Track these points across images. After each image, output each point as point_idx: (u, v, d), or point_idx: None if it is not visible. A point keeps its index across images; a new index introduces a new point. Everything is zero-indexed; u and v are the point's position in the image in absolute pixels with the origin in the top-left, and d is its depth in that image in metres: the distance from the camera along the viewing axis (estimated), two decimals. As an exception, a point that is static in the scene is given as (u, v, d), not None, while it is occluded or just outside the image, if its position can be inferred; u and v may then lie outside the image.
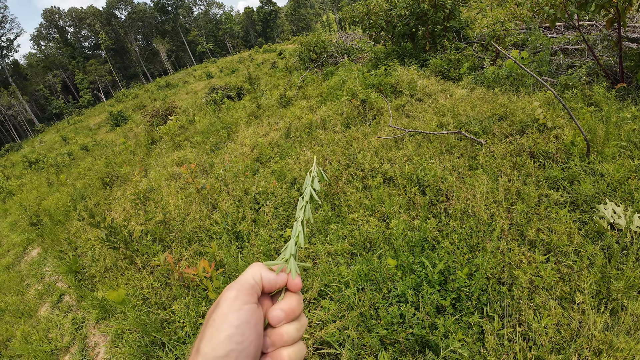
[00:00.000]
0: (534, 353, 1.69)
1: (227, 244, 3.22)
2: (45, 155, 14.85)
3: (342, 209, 3.22)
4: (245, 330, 0.36)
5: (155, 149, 8.23)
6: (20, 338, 3.60)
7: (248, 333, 0.37)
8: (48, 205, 7.15)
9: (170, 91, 27.25)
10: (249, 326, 0.37)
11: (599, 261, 2.10)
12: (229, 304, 0.38)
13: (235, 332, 0.36)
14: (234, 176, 4.26)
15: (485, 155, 3.48)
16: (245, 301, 0.38)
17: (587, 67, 4.71)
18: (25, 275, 5.42)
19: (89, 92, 55.98)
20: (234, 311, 0.37)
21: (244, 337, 0.36)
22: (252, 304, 0.39)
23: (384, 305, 2.12)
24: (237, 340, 0.36)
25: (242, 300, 0.38)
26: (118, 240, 3.73)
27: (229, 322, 0.36)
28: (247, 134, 6.31)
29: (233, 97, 10.22)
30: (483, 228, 2.55)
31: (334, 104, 6.37)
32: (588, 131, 3.23)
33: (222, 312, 0.37)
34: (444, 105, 4.92)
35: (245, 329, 0.36)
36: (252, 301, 0.39)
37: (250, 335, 0.37)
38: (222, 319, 0.37)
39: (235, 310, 0.37)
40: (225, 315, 0.37)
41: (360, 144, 4.39)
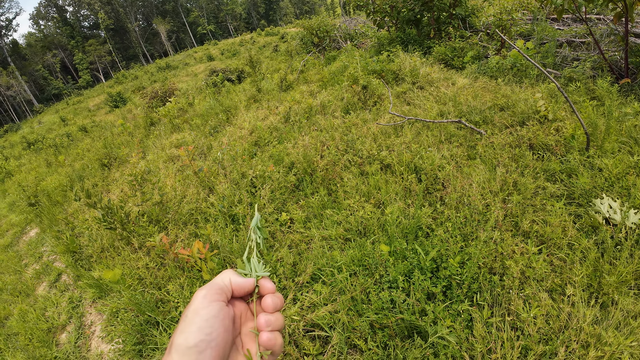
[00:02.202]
0: (522, 342, 1.70)
1: (223, 226, 3.23)
2: (44, 136, 14.76)
3: (338, 195, 3.22)
4: (213, 324, 0.41)
5: (154, 131, 8.18)
6: (18, 316, 3.64)
7: (216, 326, 0.41)
8: (46, 186, 7.15)
9: (170, 73, 26.90)
10: (216, 320, 0.41)
11: (592, 255, 2.11)
12: (199, 301, 0.42)
13: (204, 325, 0.40)
14: (232, 159, 4.24)
15: (485, 145, 3.46)
16: (213, 299, 0.43)
17: (592, 60, 4.64)
18: (24, 255, 5.46)
19: (88, 73, 55.26)
20: (204, 307, 0.42)
21: (212, 329, 0.40)
22: (220, 302, 0.43)
23: (375, 290, 2.13)
24: (206, 331, 0.40)
25: (211, 298, 0.43)
26: (115, 220, 3.75)
27: (199, 316, 0.41)
28: (247, 118, 6.26)
29: (233, 80, 10.08)
30: (478, 218, 2.55)
31: (335, 89, 6.29)
32: (589, 125, 3.20)
33: (193, 309, 0.42)
34: (445, 93, 4.86)
35: (214, 322, 0.41)
36: (220, 299, 0.44)
37: (219, 328, 0.41)
38: (193, 314, 0.41)
39: (205, 307, 0.42)
40: (195, 311, 0.41)
41: (360, 130, 4.35)
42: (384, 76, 6.00)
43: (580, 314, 1.80)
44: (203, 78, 12.68)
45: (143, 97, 11.61)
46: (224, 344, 0.41)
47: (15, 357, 2.91)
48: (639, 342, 1.68)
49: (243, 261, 0.53)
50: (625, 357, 1.60)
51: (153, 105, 10.28)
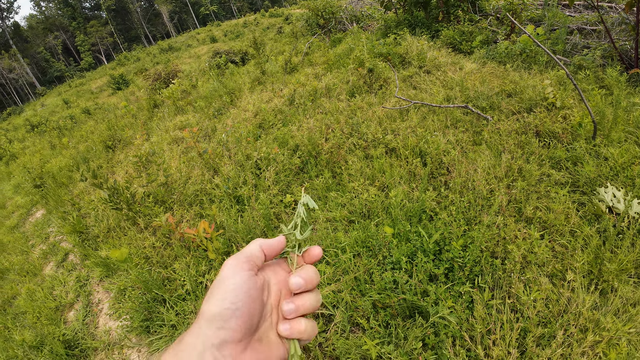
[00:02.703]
0: (521, 324, 1.73)
1: (228, 207, 3.27)
2: (47, 119, 14.75)
3: (342, 178, 3.23)
4: (238, 294, 0.41)
5: (158, 113, 8.15)
6: (25, 295, 3.71)
7: (241, 296, 0.41)
8: (51, 168, 7.19)
9: (172, 55, 26.55)
10: (241, 290, 0.42)
11: (594, 242, 2.12)
12: (226, 271, 0.43)
13: (229, 295, 0.41)
14: (236, 141, 4.24)
15: (491, 131, 3.44)
16: (241, 269, 0.43)
17: (602, 49, 4.54)
18: (30, 236, 5.53)
19: (90, 55, 54.64)
20: (230, 277, 0.42)
21: (237, 299, 0.41)
22: (247, 272, 0.43)
23: (379, 271, 2.17)
24: (231, 300, 0.40)
25: (239, 268, 0.43)
26: (120, 201, 3.78)
27: (224, 286, 0.42)
28: (251, 100, 6.21)
29: (237, 62, 9.95)
30: (481, 202, 2.56)
31: (340, 72, 6.21)
32: (597, 113, 3.16)
33: (220, 279, 0.43)
34: (452, 78, 4.79)
35: (239, 293, 0.41)
36: (248, 269, 0.44)
37: (244, 298, 0.41)
38: (220, 283, 0.42)
39: (231, 276, 0.42)
40: (222, 280, 0.42)
41: (365, 113, 4.32)
42: (390, 59, 5.90)
43: (580, 299, 1.82)
44: (206, 60, 12.51)
45: (146, 79, 11.51)
46: (250, 314, 0.42)
47: (23, 335, 2.98)
48: (637, 329, 1.70)
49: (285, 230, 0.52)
50: (623, 343, 1.62)
51: (156, 87, 10.20)
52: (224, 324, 0.39)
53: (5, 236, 5.71)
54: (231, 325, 0.40)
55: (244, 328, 0.41)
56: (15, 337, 3.01)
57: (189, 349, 0.38)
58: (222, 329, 0.39)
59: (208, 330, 0.39)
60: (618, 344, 1.65)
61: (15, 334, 3.09)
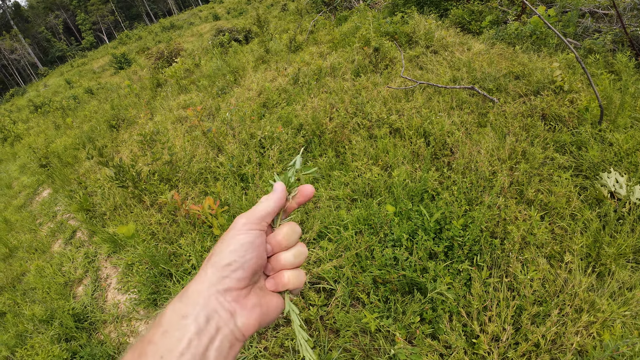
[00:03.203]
0: (517, 302, 1.75)
1: (232, 185, 3.30)
2: (50, 99, 14.70)
3: (346, 157, 3.24)
4: (248, 248, 0.44)
5: (161, 92, 8.10)
6: (35, 272, 3.80)
7: (250, 250, 0.44)
8: (56, 148, 7.22)
9: (175, 33, 26.04)
10: (251, 246, 0.44)
11: (594, 226, 2.13)
12: (238, 228, 0.46)
13: (239, 248, 0.43)
14: (240, 120, 4.23)
15: (496, 113, 3.40)
16: (251, 227, 0.46)
17: (613, 34, 4.42)
18: (38, 215, 5.61)
19: (91, 34, 53.74)
20: (242, 233, 0.45)
21: (245, 253, 0.44)
22: (257, 230, 0.46)
23: (380, 248, 2.21)
24: (240, 254, 0.43)
25: (249, 226, 0.46)
26: (126, 179, 3.83)
27: (235, 240, 0.44)
28: (255, 79, 6.14)
29: (240, 40, 9.77)
30: (483, 184, 2.57)
31: (346, 51, 6.09)
32: (604, 98, 3.12)
33: (232, 234, 0.45)
34: (460, 59, 4.69)
35: (248, 247, 0.44)
36: (258, 228, 0.46)
37: (252, 253, 0.44)
38: (231, 238, 0.44)
39: (243, 233, 0.45)
40: (233, 236, 0.45)
41: (370, 93, 4.28)
42: (397, 38, 5.78)
43: (577, 280, 1.84)
44: (209, 38, 12.30)
45: (148, 57, 11.37)
46: (254, 268, 0.45)
47: (33, 309, 3.07)
48: (632, 312, 1.72)
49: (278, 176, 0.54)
50: (618, 324, 1.64)
51: (159, 66, 10.09)
52: (231, 274, 0.42)
53: (13, 215, 5.82)
54: (237, 276, 0.43)
55: (248, 279, 0.44)
56: (25, 312, 3.10)
57: (195, 295, 0.41)
58: (228, 278, 0.42)
59: (214, 277, 0.42)
60: (612, 325, 1.68)
61: (25, 309, 3.19)
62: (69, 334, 2.88)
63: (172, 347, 0.37)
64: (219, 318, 0.40)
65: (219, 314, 0.41)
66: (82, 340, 2.82)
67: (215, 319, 0.40)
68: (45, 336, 2.81)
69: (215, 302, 0.41)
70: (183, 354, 0.37)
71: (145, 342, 0.38)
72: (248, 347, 2.26)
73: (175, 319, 0.39)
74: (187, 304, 0.40)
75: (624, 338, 1.55)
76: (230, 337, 0.41)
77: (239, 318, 0.42)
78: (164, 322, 0.39)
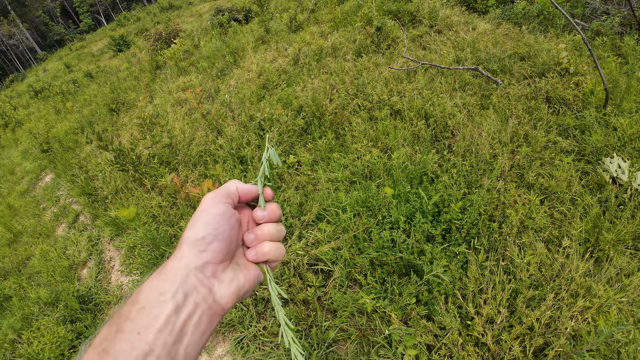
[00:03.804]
0: (512, 286, 1.76)
1: (232, 167, 3.30)
2: (50, 84, 14.56)
3: (346, 139, 3.21)
4: (219, 220, 0.44)
5: (160, 75, 8.00)
6: (39, 256, 3.85)
7: (222, 222, 0.45)
8: (57, 133, 7.21)
9: (173, 13, 25.48)
10: (223, 218, 0.45)
11: (594, 212, 2.11)
12: (207, 202, 0.46)
13: (211, 220, 0.44)
14: (240, 102, 4.18)
15: (500, 95, 3.33)
16: (220, 201, 0.46)
17: (621, 16, 4.26)
18: (41, 200, 5.66)
19: (89, 16, 52.64)
20: (211, 206, 0.45)
21: (218, 225, 0.44)
22: (226, 204, 0.47)
23: (377, 230, 2.21)
24: (213, 226, 0.44)
25: (218, 200, 0.46)
26: (126, 162, 3.83)
27: (206, 213, 0.45)
28: (254, 60, 6.04)
29: (240, 20, 9.53)
30: (484, 167, 2.54)
31: (347, 30, 5.94)
32: (610, 82, 3.04)
33: (202, 208, 0.46)
34: (464, 39, 4.56)
35: (220, 219, 0.44)
36: (227, 202, 0.47)
37: (224, 224, 0.45)
38: (202, 212, 0.45)
39: (212, 206, 0.45)
40: (204, 210, 0.45)
41: (371, 74, 4.19)
42: (400, 17, 5.61)
43: (574, 265, 1.83)
44: (208, 18, 12.02)
45: (147, 39, 11.16)
46: (229, 239, 0.45)
47: (38, 292, 3.13)
48: (629, 299, 1.71)
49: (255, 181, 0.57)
50: (614, 310, 1.64)
51: (157, 47, 9.91)
52: (207, 247, 0.43)
53: (16, 201, 5.87)
54: (213, 248, 0.43)
55: (225, 251, 0.45)
56: (31, 295, 3.17)
57: (173, 273, 0.41)
58: (205, 251, 0.43)
59: (190, 254, 0.42)
60: (608, 311, 1.67)
61: (31, 292, 3.25)
62: (74, 315, 2.94)
63: (150, 324, 0.37)
64: (197, 294, 0.41)
65: (198, 290, 0.41)
66: (87, 321, 2.89)
67: (193, 295, 0.40)
68: (51, 318, 2.88)
69: (193, 279, 0.41)
70: (161, 331, 0.37)
71: (122, 318, 0.38)
72: (247, 327, 2.30)
73: (153, 296, 0.39)
74: (164, 280, 0.40)
75: (619, 324, 1.55)
76: (208, 312, 0.41)
77: (218, 292, 0.43)
78: (141, 299, 0.39)
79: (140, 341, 0.36)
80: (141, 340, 0.36)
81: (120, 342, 0.36)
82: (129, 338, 0.36)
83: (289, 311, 2.15)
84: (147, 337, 0.36)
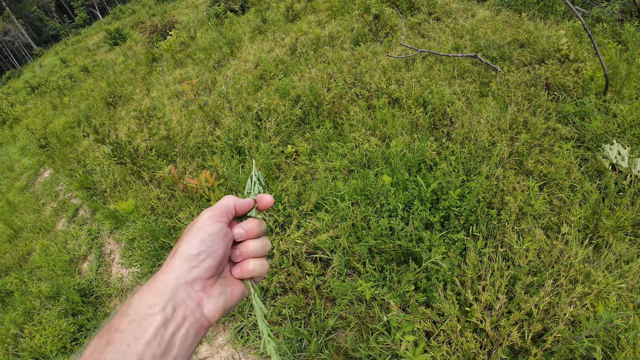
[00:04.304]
0: (511, 272, 1.75)
1: (229, 158, 3.28)
2: (46, 79, 14.47)
3: (344, 128, 3.19)
4: (215, 239, 0.46)
5: (157, 67, 7.92)
6: (40, 251, 3.86)
7: (217, 241, 0.46)
8: (55, 128, 7.19)
9: (169, 5, 25.13)
10: (218, 236, 0.46)
11: (593, 198, 2.09)
12: (204, 220, 0.47)
13: (207, 239, 0.45)
14: (237, 93, 4.15)
15: (499, 82, 3.30)
16: (217, 220, 0.47)
17: (622, 3, 4.21)
18: (40, 195, 5.66)
19: (84, 10, 51.94)
20: (208, 225, 0.46)
21: (213, 244, 0.45)
22: (222, 223, 0.48)
23: (376, 218, 2.20)
24: (208, 244, 0.45)
25: (215, 219, 0.47)
26: (124, 155, 3.81)
27: (202, 231, 0.46)
28: (251, 50, 5.97)
29: (237, 10, 9.40)
30: (482, 154, 2.52)
31: (345, 19, 5.87)
32: (610, 68, 3.00)
33: (198, 226, 0.47)
34: (463, 26, 4.50)
35: (215, 238, 0.46)
36: (223, 221, 0.48)
37: (218, 243, 0.46)
38: (198, 230, 0.46)
39: (209, 225, 0.47)
40: (200, 227, 0.46)
41: (369, 62, 4.15)
42: (398, 5, 5.53)
43: (573, 252, 1.82)
44: (204, 9, 11.86)
45: (142, 32, 11.03)
46: (220, 258, 0.47)
47: (39, 287, 3.14)
48: (628, 285, 1.70)
49: None
50: (613, 296, 1.63)
51: (153, 40, 9.79)
52: (199, 264, 0.44)
53: (16, 197, 5.87)
54: (205, 265, 0.45)
55: (215, 268, 0.46)
56: (32, 289, 3.18)
57: (162, 286, 0.42)
58: (197, 267, 0.44)
59: (182, 268, 0.44)
60: (607, 297, 1.66)
61: (32, 286, 3.27)
62: (75, 308, 2.96)
63: (139, 336, 0.38)
64: (186, 307, 0.42)
65: (186, 303, 0.43)
66: (89, 314, 2.91)
67: (182, 308, 0.42)
68: (53, 312, 2.90)
69: (183, 292, 0.43)
70: (150, 343, 0.38)
71: (112, 330, 0.39)
72: (247, 316, 2.31)
73: (143, 309, 0.40)
74: (154, 294, 0.41)
75: (618, 310, 1.54)
76: (196, 325, 0.43)
77: (206, 306, 0.45)
78: (131, 311, 0.40)
79: (129, 352, 0.37)
80: (131, 352, 0.37)
81: (110, 354, 0.37)
82: (119, 349, 0.37)
83: (288, 300, 2.16)
84: (136, 348, 0.37)
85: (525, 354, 1.58)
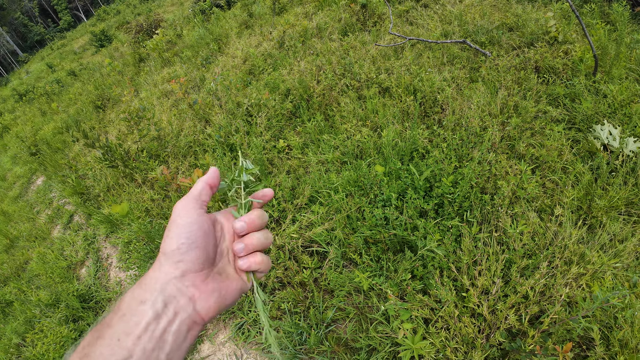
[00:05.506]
0: (506, 256, 1.75)
1: (221, 155, 3.25)
2: (34, 86, 14.24)
3: (335, 120, 3.17)
4: (192, 229, 0.44)
5: (144, 67, 7.82)
6: (37, 259, 3.84)
7: (194, 230, 0.45)
8: (45, 135, 7.12)
9: (154, 3, 24.70)
10: (194, 225, 0.45)
11: (586, 179, 2.10)
12: (176, 213, 0.46)
13: (182, 231, 0.44)
14: (226, 89, 4.10)
15: (489, 67, 3.28)
16: (190, 208, 0.46)
17: None
18: (34, 203, 5.63)
19: (68, 13, 50.95)
20: (181, 216, 0.45)
21: (191, 234, 0.44)
22: (197, 210, 0.46)
23: (370, 208, 2.20)
24: (186, 236, 0.44)
25: (189, 207, 0.46)
26: (115, 158, 3.77)
27: (176, 224, 0.45)
28: (239, 46, 5.90)
29: (222, 6, 9.26)
30: (474, 140, 2.51)
31: (332, 9, 5.80)
32: (599, 49, 3.00)
33: (172, 219, 0.46)
34: (451, 12, 4.47)
35: (192, 228, 0.44)
36: (197, 207, 0.47)
37: (197, 232, 0.45)
38: (173, 224, 0.45)
39: (182, 216, 0.45)
40: (173, 221, 0.45)
41: (358, 53, 4.11)
42: (385, -7, 5.47)
43: (567, 233, 1.82)
44: (190, 6, 11.67)
45: (128, 32, 10.84)
46: (205, 246, 0.45)
47: (39, 295, 3.13)
48: (623, 264, 1.71)
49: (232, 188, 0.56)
50: (608, 276, 1.64)
51: (139, 40, 9.64)
52: (183, 257, 0.43)
53: (10, 206, 5.82)
54: (190, 258, 0.44)
55: (202, 259, 0.45)
56: (32, 298, 3.17)
57: (153, 282, 0.42)
58: (181, 261, 0.43)
59: (168, 265, 0.43)
60: (603, 277, 1.67)
61: (31, 295, 3.25)
62: (75, 314, 2.96)
63: (130, 331, 0.38)
64: (176, 303, 0.42)
65: (177, 299, 0.42)
66: (89, 319, 2.90)
67: (173, 303, 0.41)
68: (53, 319, 2.89)
69: (173, 288, 0.42)
70: (140, 337, 0.38)
71: (104, 325, 0.39)
72: (247, 313, 2.32)
73: (134, 304, 0.40)
74: (145, 290, 0.41)
75: (614, 290, 1.55)
76: (188, 321, 0.42)
77: (198, 302, 0.44)
78: (123, 307, 0.40)
79: (119, 347, 0.37)
80: (121, 346, 0.37)
81: (101, 348, 0.37)
82: (109, 344, 0.37)
83: (286, 294, 2.16)
84: (126, 343, 0.37)
85: (523, 336, 1.59)
